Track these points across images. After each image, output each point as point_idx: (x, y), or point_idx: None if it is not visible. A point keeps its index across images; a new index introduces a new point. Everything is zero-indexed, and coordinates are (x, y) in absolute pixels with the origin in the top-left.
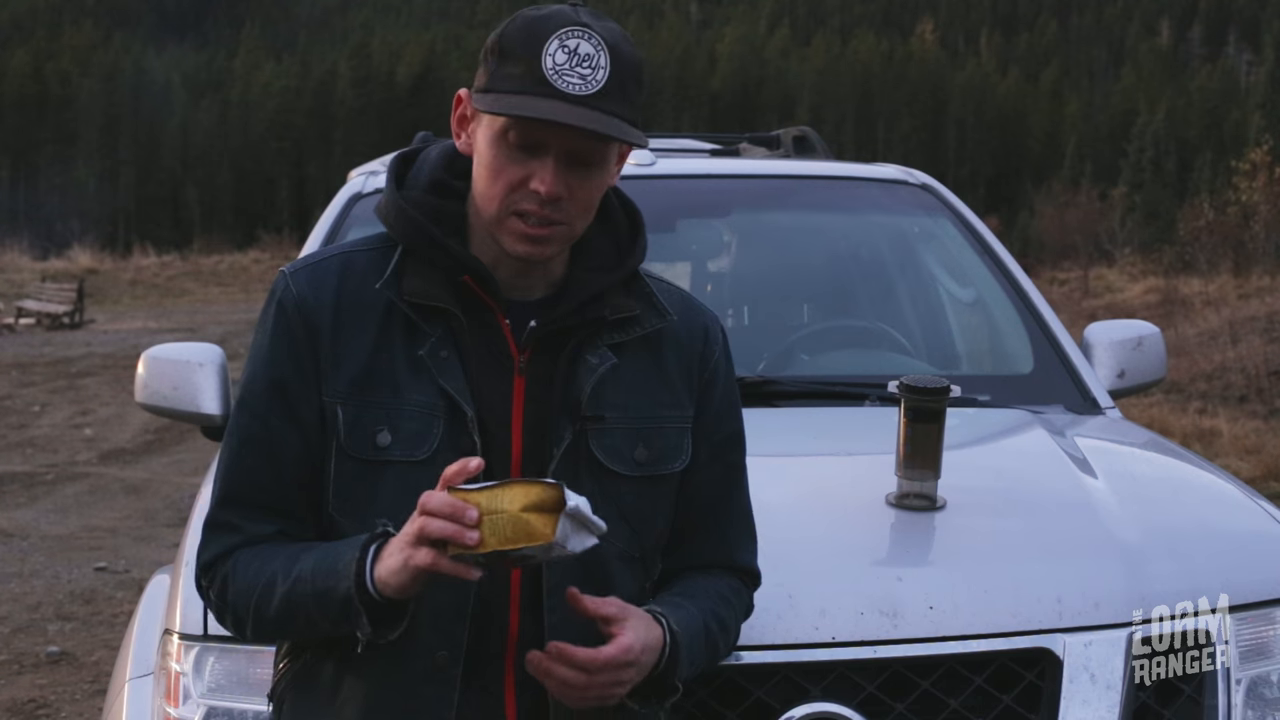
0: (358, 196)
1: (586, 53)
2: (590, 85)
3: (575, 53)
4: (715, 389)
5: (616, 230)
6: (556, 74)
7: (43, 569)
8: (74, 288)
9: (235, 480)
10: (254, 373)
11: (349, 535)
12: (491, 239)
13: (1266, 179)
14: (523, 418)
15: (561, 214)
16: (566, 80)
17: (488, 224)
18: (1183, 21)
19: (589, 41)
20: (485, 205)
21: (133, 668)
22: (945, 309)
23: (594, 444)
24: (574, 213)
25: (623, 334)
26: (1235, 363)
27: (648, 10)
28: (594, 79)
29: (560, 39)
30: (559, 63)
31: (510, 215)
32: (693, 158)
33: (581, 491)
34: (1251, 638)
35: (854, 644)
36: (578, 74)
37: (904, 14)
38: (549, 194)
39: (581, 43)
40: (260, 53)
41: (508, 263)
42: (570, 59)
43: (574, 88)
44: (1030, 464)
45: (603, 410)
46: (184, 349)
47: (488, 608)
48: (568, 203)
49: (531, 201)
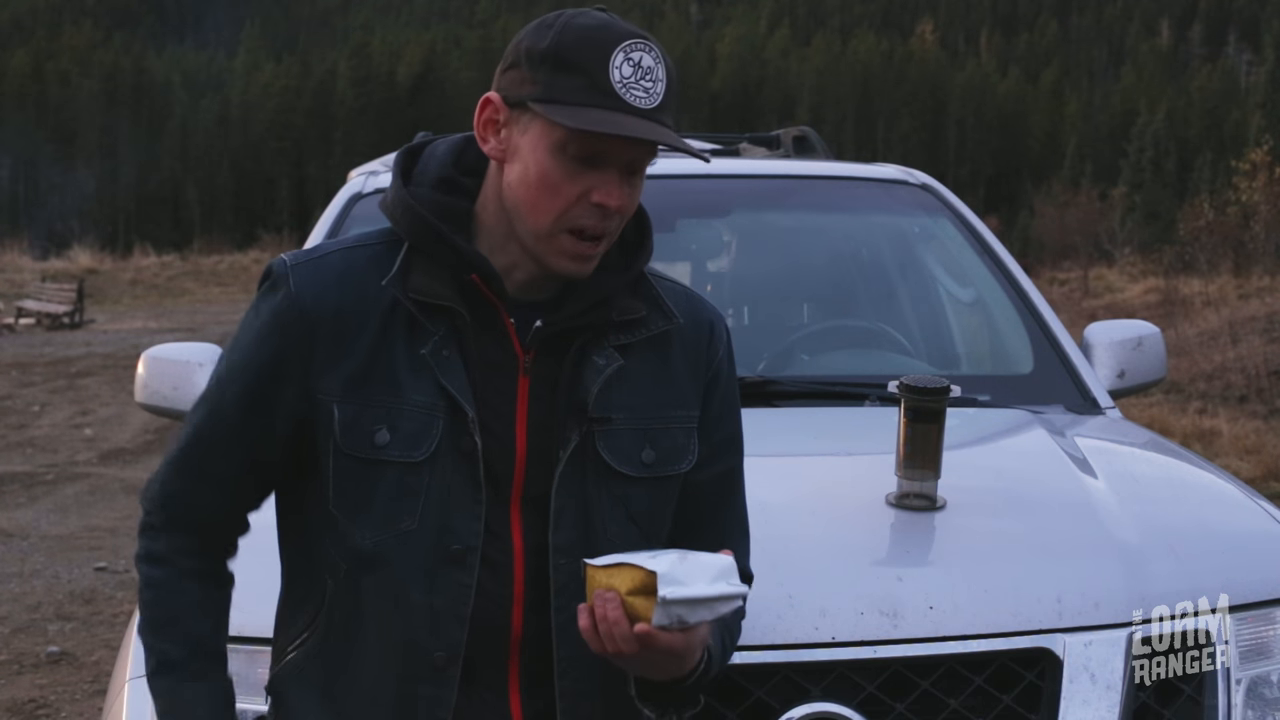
0: (358, 196)
1: (649, 66)
2: (654, 98)
3: (639, 65)
4: (718, 389)
5: (624, 232)
6: (624, 87)
7: (43, 569)
8: (74, 288)
9: (191, 443)
10: (234, 356)
11: (347, 532)
12: (524, 252)
13: (1266, 179)
14: (527, 418)
15: (614, 223)
16: (634, 94)
17: (533, 240)
18: (1183, 21)
19: (650, 55)
20: (534, 219)
21: (133, 668)
22: (945, 309)
23: (601, 446)
24: (620, 223)
25: (629, 335)
26: (1235, 363)
27: (648, 10)
28: (656, 91)
29: (625, 52)
30: (625, 76)
31: (563, 232)
32: (693, 158)
33: (588, 495)
34: (1251, 638)
35: (854, 644)
36: (642, 87)
37: (904, 14)
38: (619, 207)
39: (644, 56)
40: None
41: (525, 266)
42: (635, 72)
43: (641, 101)
44: (1030, 464)
45: (609, 411)
46: (184, 349)
47: (490, 609)
48: (619, 214)
49: (593, 216)
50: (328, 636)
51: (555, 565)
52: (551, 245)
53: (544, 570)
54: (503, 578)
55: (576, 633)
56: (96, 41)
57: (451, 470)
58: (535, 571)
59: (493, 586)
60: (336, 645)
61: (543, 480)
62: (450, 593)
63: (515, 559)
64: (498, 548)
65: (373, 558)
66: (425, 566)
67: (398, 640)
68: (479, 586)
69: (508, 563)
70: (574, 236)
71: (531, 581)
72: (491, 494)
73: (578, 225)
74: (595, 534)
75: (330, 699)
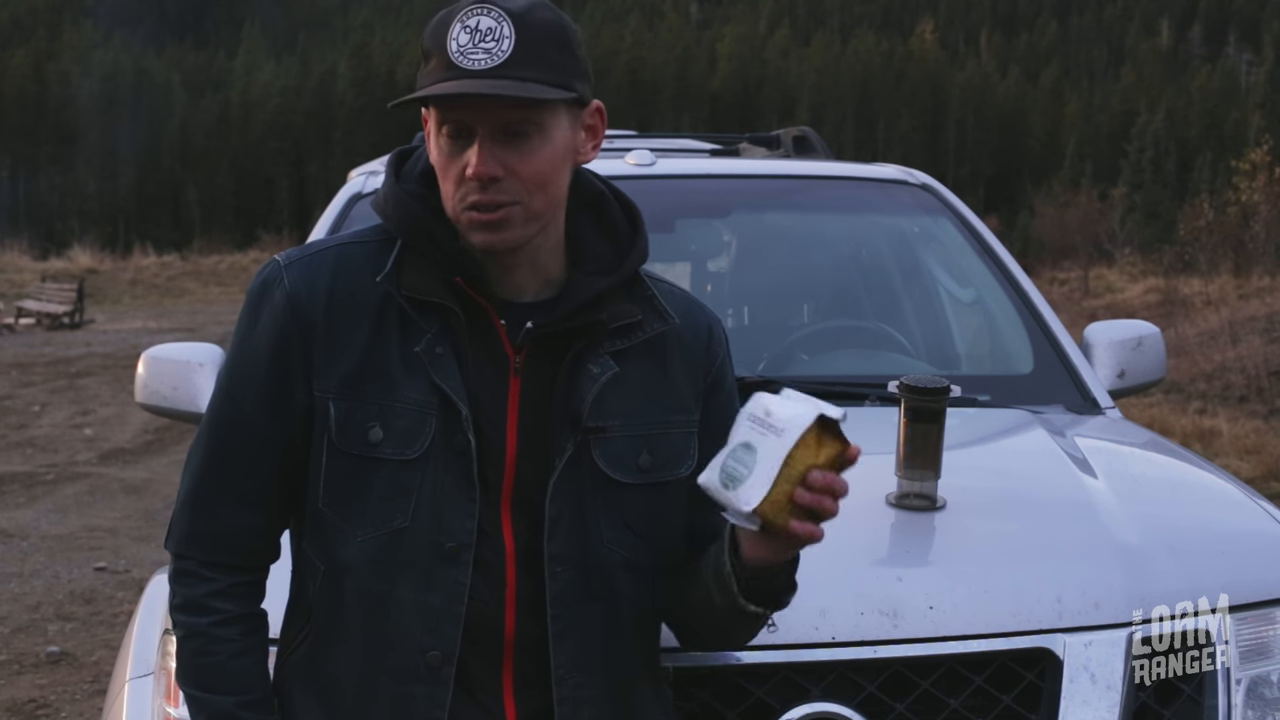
0: (358, 196)
1: (488, 27)
2: (496, 57)
3: (476, 30)
4: (721, 392)
5: (615, 231)
6: (461, 54)
7: (43, 569)
8: (74, 288)
9: (211, 467)
10: (238, 363)
11: (343, 528)
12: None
13: (1266, 179)
14: (518, 419)
15: (506, 193)
16: (471, 58)
17: (458, 227)
18: (1183, 21)
19: (489, 16)
20: (448, 206)
21: (133, 668)
22: (945, 309)
23: (597, 454)
24: (522, 189)
25: (625, 340)
26: (1235, 363)
27: (648, 10)
28: (499, 50)
29: (461, 20)
30: (462, 44)
31: (465, 211)
32: (693, 158)
33: (583, 503)
34: (1251, 638)
35: (854, 644)
36: (482, 49)
37: (904, 14)
38: (476, 174)
39: (482, 19)
40: (260, 53)
41: (492, 259)
42: (472, 37)
43: (479, 63)
44: (1030, 464)
45: (605, 419)
46: (184, 349)
47: (481, 610)
48: (510, 181)
49: (473, 190)
50: (326, 635)
51: (551, 573)
52: (464, 225)
53: (537, 575)
54: (494, 578)
55: (574, 640)
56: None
57: (445, 468)
58: (527, 575)
59: (484, 587)
60: (334, 644)
61: (533, 483)
62: (445, 591)
63: (506, 559)
64: (489, 547)
65: (366, 556)
66: (419, 564)
67: (392, 639)
68: (472, 584)
69: (499, 562)
70: (471, 211)
71: (524, 585)
72: (483, 493)
73: (469, 201)
74: (591, 541)
75: (328, 699)
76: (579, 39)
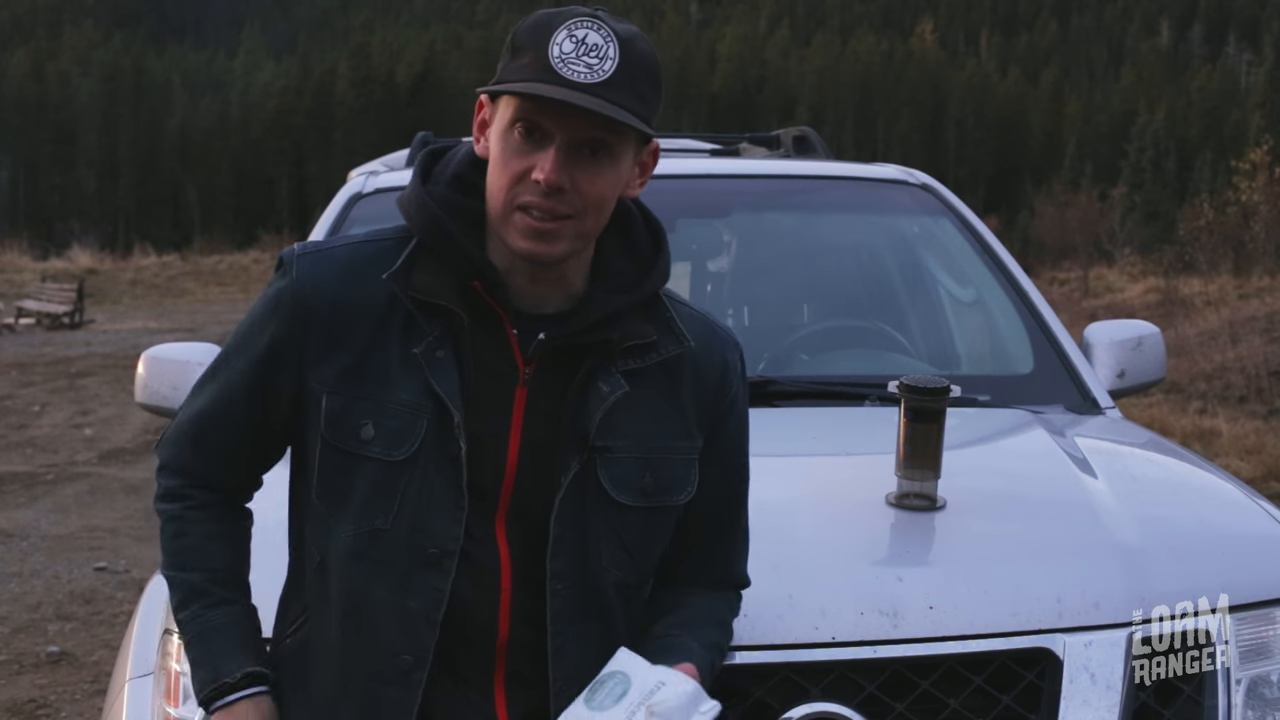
0: (358, 196)
1: (595, 43)
2: (597, 74)
3: (583, 42)
4: (731, 420)
5: (639, 250)
6: (563, 61)
7: (43, 569)
8: (74, 288)
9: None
10: (240, 340)
11: (330, 521)
12: (501, 241)
13: (1266, 179)
14: (522, 430)
15: (567, 206)
16: (572, 68)
17: (495, 222)
18: (1183, 21)
19: (598, 32)
20: (493, 201)
21: (133, 668)
22: (945, 309)
23: (602, 474)
24: (581, 206)
25: (638, 360)
26: (1235, 363)
27: (648, 10)
28: (600, 68)
29: (569, 29)
30: (565, 51)
31: (515, 210)
32: (693, 158)
33: (586, 523)
34: (1251, 638)
35: (854, 644)
36: (584, 62)
37: (904, 14)
38: (547, 181)
39: (590, 33)
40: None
41: (521, 267)
42: (577, 48)
43: (579, 75)
44: (1030, 464)
45: (612, 439)
46: (184, 349)
47: (469, 616)
48: (573, 195)
49: (534, 192)
50: (313, 627)
51: (553, 591)
52: (509, 225)
53: (533, 587)
54: (487, 584)
55: (572, 654)
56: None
57: (434, 473)
58: (524, 585)
59: (475, 592)
60: (318, 637)
61: (532, 494)
62: (423, 596)
63: (501, 567)
64: (482, 554)
65: (347, 552)
66: (398, 567)
67: (366, 639)
68: (460, 590)
69: (493, 569)
70: (524, 214)
71: (521, 594)
72: (476, 501)
73: (523, 202)
74: (590, 561)
75: (307, 691)
76: (663, 77)
